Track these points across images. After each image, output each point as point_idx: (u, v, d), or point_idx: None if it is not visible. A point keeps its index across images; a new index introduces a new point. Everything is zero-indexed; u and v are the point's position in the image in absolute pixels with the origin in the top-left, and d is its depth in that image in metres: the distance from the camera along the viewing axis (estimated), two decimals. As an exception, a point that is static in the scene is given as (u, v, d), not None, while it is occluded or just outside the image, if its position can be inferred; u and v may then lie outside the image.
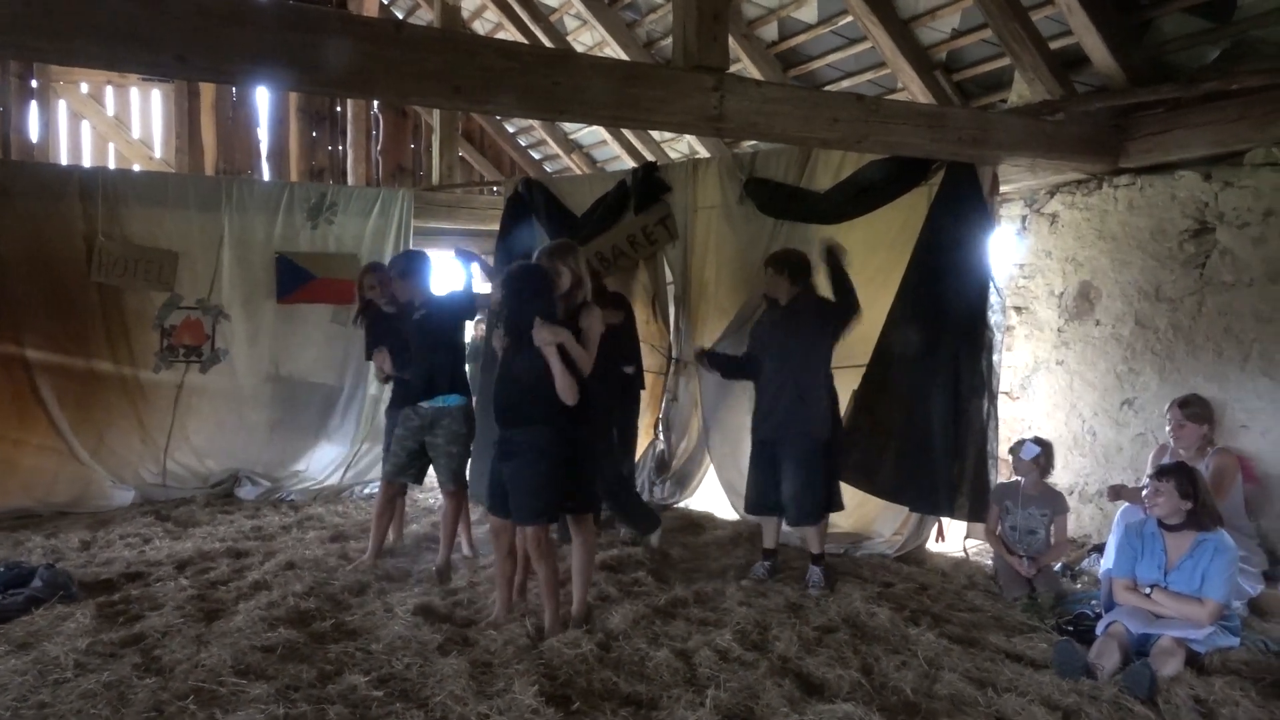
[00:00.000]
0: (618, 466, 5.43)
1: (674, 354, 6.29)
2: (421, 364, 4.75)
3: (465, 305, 4.91)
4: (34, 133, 8.21)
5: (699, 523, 5.98)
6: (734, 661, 3.58)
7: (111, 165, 8.67)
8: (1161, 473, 3.82)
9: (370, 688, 3.31)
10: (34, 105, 8.30)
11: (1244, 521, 4.46)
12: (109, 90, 8.88)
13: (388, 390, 5.50)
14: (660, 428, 6.50)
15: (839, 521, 5.42)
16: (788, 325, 4.67)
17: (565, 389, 3.71)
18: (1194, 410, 4.52)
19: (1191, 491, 3.71)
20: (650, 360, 6.52)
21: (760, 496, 4.79)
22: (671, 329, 6.28)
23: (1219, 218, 4.88)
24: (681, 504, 6.41)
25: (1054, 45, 5.16)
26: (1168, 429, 4.62)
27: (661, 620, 4.02)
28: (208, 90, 9.04)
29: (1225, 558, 3.65)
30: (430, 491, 6.86)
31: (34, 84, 8.24)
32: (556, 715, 3.11)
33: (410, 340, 4.82)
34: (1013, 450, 4.90)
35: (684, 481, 6.45)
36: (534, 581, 4.23)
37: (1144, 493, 3.91)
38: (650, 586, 4.49)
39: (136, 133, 9.00)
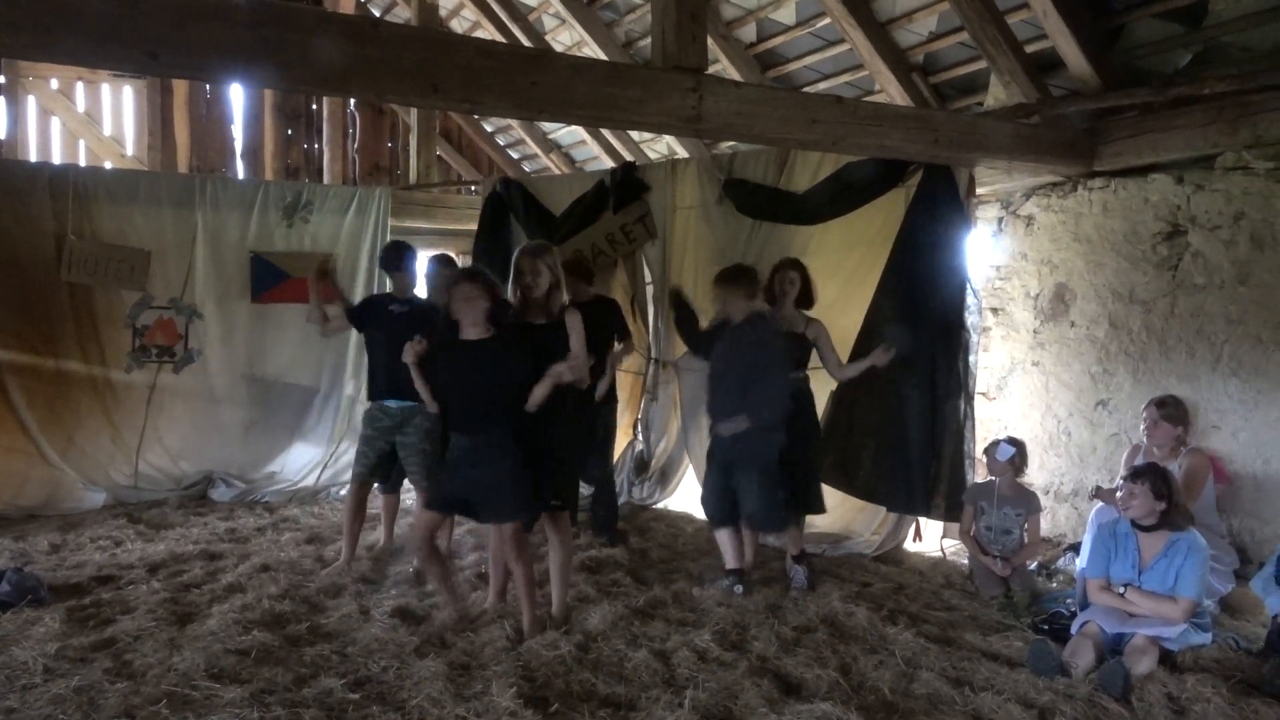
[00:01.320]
0: (607, 468, 5.45)
1: (653, 354, 6.29)
2: (397, 362, 4.71)
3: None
4: (2, 129, 8.08)
5: (677, 523, 5.98)
6: (712, 662, 3.58)
7: (82, 163, 8.54)
8: (1135, 474, 3.86)
9: (346, 691, 3.29)
10: (2, 101, 8.16)
11: (1215, 520, 4.53)
12: (79, 86, 8.75)
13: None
14: (639, 428, 6.50)
15: (816, 521, 5.45)
16: (752, 340, 4.53)
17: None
18: (1170, 411, 4.57)
19: (1165, 492, 3.76)
20: (629, 361, 6.51)
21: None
22: (650, 330, 6.29)
23: (1191, 221, 4.95)
24: (660, 504, 6.42)
25: (1029, 49, 5.21)
26: (1142, 427, 4.68)
27: (640, 621, 4.02)
28: (181, 87, 8.94)
29: (1197, 557, 3.70)
30: (409, 492, 6.82)
31: (2, 80, 8.11)
32: (534, 717, 3.10)
33: (385, 335, 4.77)
34: (987, 451, 4.94)
35: (663, 482, 6.46)
36: (513, 583, 4.24)
37: (1118, 494, 3.96)
38: (629, 587, 4.49)
39: (108, 129, 8.87)
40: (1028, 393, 5.87)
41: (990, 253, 6.09)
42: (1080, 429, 5.54)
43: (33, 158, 8.36)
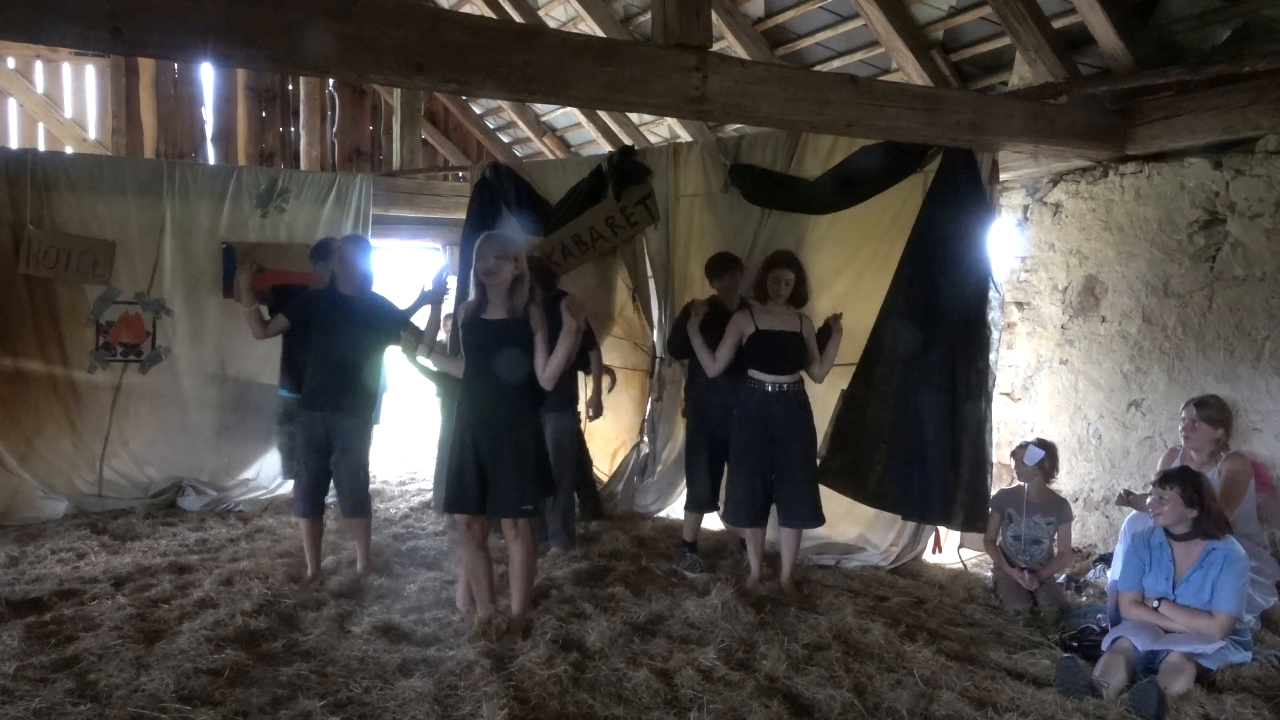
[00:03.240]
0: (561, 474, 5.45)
1: (658, 351, 6.29)
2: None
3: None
4: (-45, 112, 8.09)
5: (681, 532, 5.97)
6: (718, 681, 3.59)
7: (41, 147, 8.55)
8: (1165, 479, 3.86)
9: (326, 713, 3.29)
10: (-45, 81, 8.17)
11: (1256, 530, 4.52)
12: (38, 65, 8.75)
13: None
14: (645, 430, 6.49)
15: (828, 531, 5.45)
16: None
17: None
18: (1210, 413, 4.53)
19: (1197, 498, 3.75)
20: (634, 358, 6.52)
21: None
22: (655, 326, 6.28)
23: (1230, 208, 4.96)
24: (664, 512, 6.41)
25: (1057, 24, 5.22)
26: (1179, 428, 4.66)
27: (641, 637, 4.03)
28: (147, 66, 8.94)
29: (1235, 568, 3.70)
30: (390, 502, 6.83)
31: (-45, 58, 8.12)
32: (527, 741, 3.11)
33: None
34: (1015, 454, 4.95)
35: (668, 489, 6.44)
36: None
37: (1148, 500, 3.96)
38: (628, 601, 4.50)
39: (69, 112, 8.88)
40: (1055, 393, 5.87)
41: (1015, 243, 6.10)
42: (1111, 431, 5.55)
43: (-12, 142, 8.37)
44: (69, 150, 8.54)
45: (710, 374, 4.93)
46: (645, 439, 6.50)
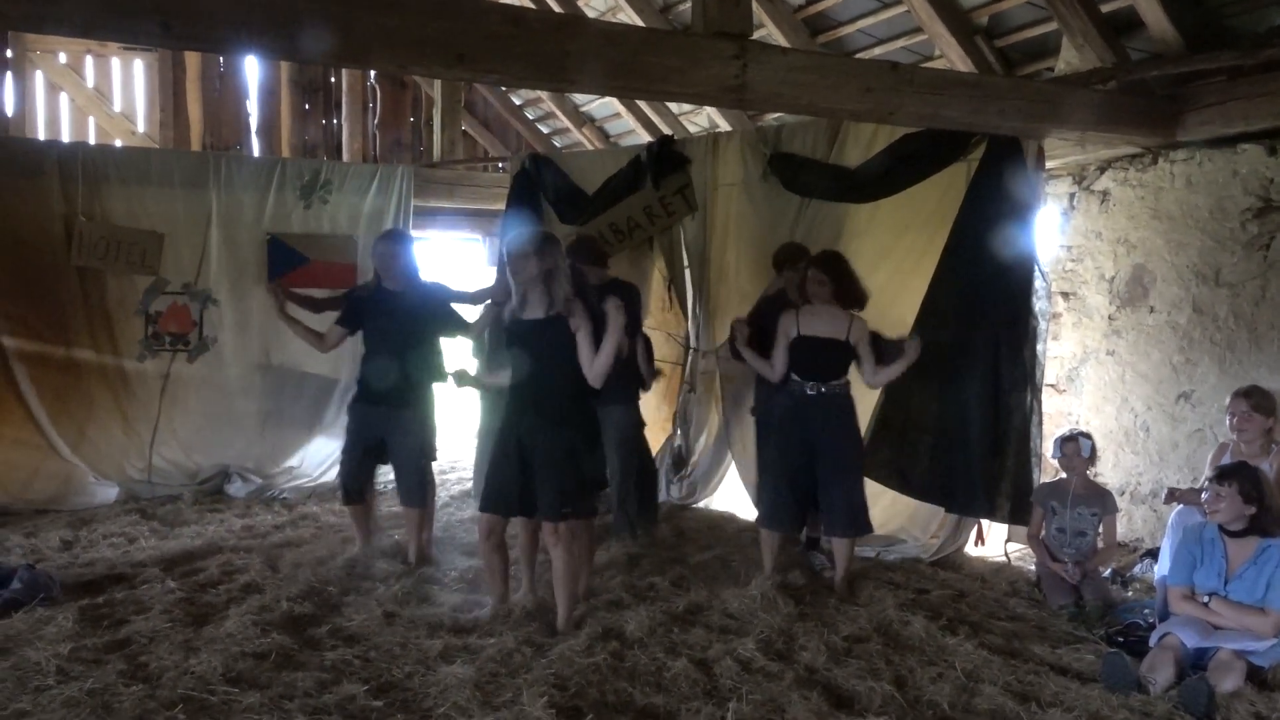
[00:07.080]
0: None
1: (692, 343, 6.28)
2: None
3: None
4: (9, 106, 8.24)
5: (719, 523, 5.97)
6: (757, 672, 3.58)
7: (92, 140, 8.71)
8: (1222, 475, 3.79)
9: (369, 697, 3.34)
10: (8, 77, 8.33)
11: (1307, 524, 4.42)
12: (89, 60, 8.91)
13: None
14: (677, 422, 6.49)
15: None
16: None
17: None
18: (1260, 400, 4.42)
19: (1255, 495, 3.69)
20: (665, 350, 6.51)
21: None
22: (689, 316, 6.27)
23: (1285, 195, 4.84)
24: (701, 503, 6.41)
25: (1105, 8, 5.11)
26: (1231, 421, 4.51)
27: (680, 627, 4.03)
28: (193, 60, 9.06)
29: (1291, 564, 3.63)
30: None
31: (9, 54, 8.27)
32: (567, 728, 3.13)
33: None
34: (1065, 447, 4.87)
35: (703, 480, 6.44)
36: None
37: (1204, 497, 3.89)
38: (667, 591, 4.50)
39: (118, 106, 9.03)
40: (1102, 384, 5.77)
41: (1061, 232, 6.00)
42: (1160, 424, 5.45)
43: (40, 136, 8.54)
44: (118, 143, 8.69)
45: (774, 380, 4.69)
46: (677, 430, 6.49)
